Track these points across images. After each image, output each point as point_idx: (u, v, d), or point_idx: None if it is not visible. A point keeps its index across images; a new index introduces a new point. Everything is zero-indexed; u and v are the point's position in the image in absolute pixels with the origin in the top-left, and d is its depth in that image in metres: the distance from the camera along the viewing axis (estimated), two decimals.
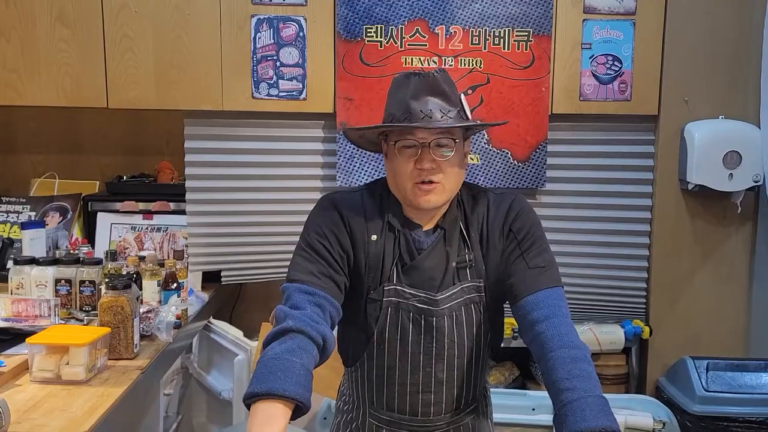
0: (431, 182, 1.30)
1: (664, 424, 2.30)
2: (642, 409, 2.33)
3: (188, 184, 2.54)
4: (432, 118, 1.29)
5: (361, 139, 1.46)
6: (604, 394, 1.21)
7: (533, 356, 1.29)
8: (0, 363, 1.56)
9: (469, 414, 1.47)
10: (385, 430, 1.45)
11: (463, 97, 1.37)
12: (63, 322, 1.91)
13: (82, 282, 2.02)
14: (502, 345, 1.50)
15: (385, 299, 1.36)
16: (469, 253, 1.38)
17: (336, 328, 1.32)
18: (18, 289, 2.01)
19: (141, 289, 2.03)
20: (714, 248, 2.62)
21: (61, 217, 2.67)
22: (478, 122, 1.38)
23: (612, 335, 2.59)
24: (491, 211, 1.39)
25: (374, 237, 1.36)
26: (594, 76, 2.52)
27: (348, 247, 1.35)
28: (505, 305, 1.45)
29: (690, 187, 2.51)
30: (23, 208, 2.69)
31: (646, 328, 2.60)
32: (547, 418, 2.29)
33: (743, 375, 2.43)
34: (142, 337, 1.87)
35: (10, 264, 2.16)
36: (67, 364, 1.55)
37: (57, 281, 2.01)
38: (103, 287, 1.97)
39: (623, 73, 2.53)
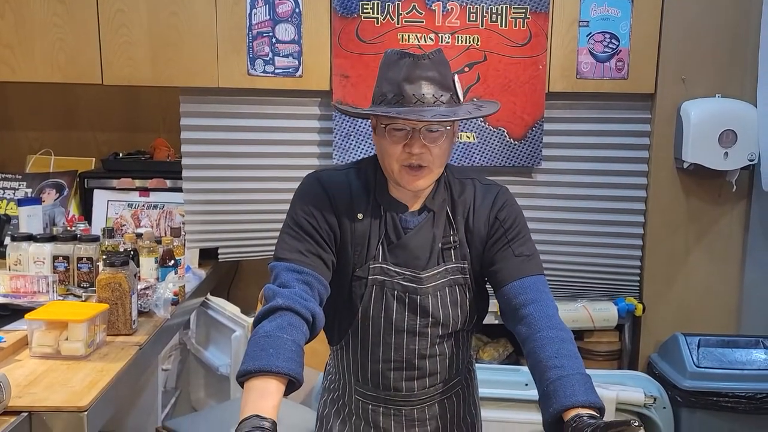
0: (420, 167, 1.31)
1: (655, 399, 2.34)
2: (634, 384, 2.37)
3: (184, 161, 2.53)
4: (425, 103, 1.28)
5: (356, 115, 1.48)
6: (591, 372, 1.25)
7: (518, 338, 1.31)
8: (0, 338, 1.58)
9: (453, 389, 1.49)
10: (371, 407, 1.46)
11: (456, 78, 1.36)
12: (61, 298, 1.93)
13: (79, 259, 2.03)
14: (496, 322, 1.54)
15: (370, 277, 1.37)
16: (455, 234, 1.39)
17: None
18: (16, 265, 2.02)
19: (138, 266, 2.05)
20: (708, 227, 2.64)
21: (58, 194, 2.67)
22: (471, 113, 1.35)
23: (605, 312, 2.62)
24: (478, 198, 1.40)
25: (360, 215, 1.37)
26: (591, 54, 2.51)
27: (334, 224, 1.35)
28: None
29: (685, 165, 2.52)
30: (19, 185, 2.69)
31: (639, 306, 2.63)
32: None
33: (734, 351, 2.47)
34: (140, 313, 1.89)
35: (7, 240, 2.17)
36: (67, 339, 1.56)
37: (55, 258, 2.03)
38: (100, 264, 1.98)
39: (620, 51, 2.52)
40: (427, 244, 1.38)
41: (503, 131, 2.52)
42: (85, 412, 1.33)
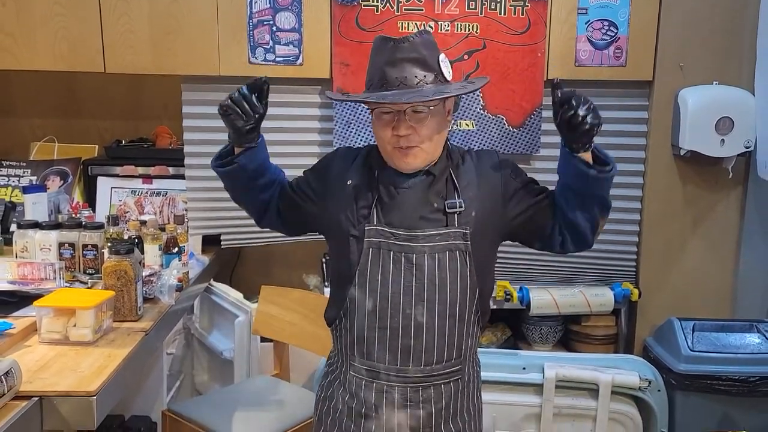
0: (409, 147, 1.36)
1: (649, 382, 2.38)
2: (629, 368, 2.41)
3: (187, 149, 2.56)
4: (407, 85, 1.33)
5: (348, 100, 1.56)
6: (587, 356, 1.31)
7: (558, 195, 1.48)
8: (9, 325, 1.62)
9: (453, 376, 1.45)
10: (364, 382, 1.44)
11: (442, 58, 1.39)
12: (68, 285, 1.96)
13: (84, 246, 2.07)
14: (494, 307, 1.58)
15: (366, 239, 1.40)
16: (459, 199, 1.41)
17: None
18: (23, 252, 2.06)
19: (143, 253, 2.08)
20: (704, 213, 2.67)
21: (62, 181, 2.70)
22: (453, 91, 1.40)
23: (602, 297, 2.66)
24: (480, 165, 1.47)
25: (350, 181, 1.45)
26: (589, 41, 2.52)
27: (321, 184, 1.51)
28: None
29: (682, 152, 2.54)
30: (24, 172, 2.72)
31: (636, 291, 2.67)
32: (537, 377, 2.37)
33: (728, 335, 2.51)
34: (145, 299, 1.93)
35: (13, 228, 2.21)
36: (74, 325, 1.60)
37: (60, 245, 2.06)
38: (105, 251, 2.01)
39: (619, 38, 2.53)
40: (422, 204, 1.41)
41: (502, 119, 2.54)
42: (94, 397, 1.37)
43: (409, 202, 1.41)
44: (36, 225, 2.10)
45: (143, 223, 2.26)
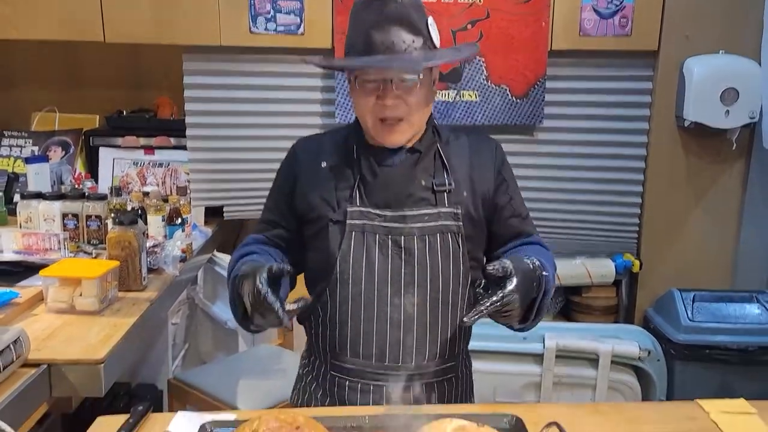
0: (395, 120, 1.24)
1: (649, 352, 2.41)
2: (629, 338, 2.44)
3: (188, 119, 2.55)
4: (394, 50, 1.19)
5: (330, 68, 1.42)
6: (588, 326, 1.30)
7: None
8: (15, 294, 1.63)
9: (446, 374, 1.33)
10: (347, 383, 1.30)
11: (430, 22, 1.27)
12: (72, 255, 1.98)
13: (88, 216, 2.07)
14: None
15: (348, 221, 1.27)
16: (449, 177, 1.30)
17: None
18: (27, 222, 2.06)
19: (146, 224, 2.09)
20: (707, 184, 2.67)
21: (64, 152, 2.70)
22: (444, 57, 1.29)
23: (603, 269, 2.67)
24: (475, 147, 1.36)
25: (324, 163, 1.32)
26: (595, 10, 2.49)
27: (291, 183, 1.35)
28: None
29: (686, 123, 2.53)
30: (26, 143, 2.71)
31: (637, 262, 2.68)
32: (537, 347, 2.39)
33: (727, 306, 2.53)
34: (150, 270, 1.94)
35: (17, 198, 2.21)
36: (80, 295, 1.61)
37: (64, 216, 2.06)
38: (109, 222, 2.02)
39: (624, 7, 2.50)
40: (410, 183, 1.29)
41: (505, 89, 2.52)
42: (102, 365, 1.39)
43: (395, 181, 1.29)
44: (39, 195, 2.10)
45: (146, 194, 2.26)
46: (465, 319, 1.10)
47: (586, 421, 1.14)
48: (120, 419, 1.11)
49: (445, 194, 1.30)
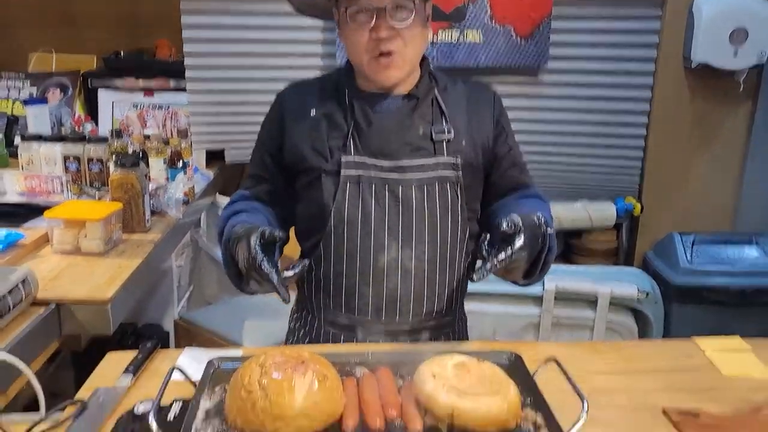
0: (390, 53, 1.18)
1: (647, 294, 2.43)
2: (628, 280, 2.46)
3: (187, 61, 2.51)
4: None
5: (311, 8, 1.32)
6: (587, 268, 1.28)
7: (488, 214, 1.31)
8: (21, 235, 1.64)
9: (443, 329, 1.32)
10: (343, 337, 1.27)
11: None
12: (75, 197, 1.98)
13: (90, 159, 2.07)
14: None
15: (343, 171, 1.21)
16: (447, 125, 1.25)
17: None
18: (28, 165, 2.06)
19: (148, 167, 2.09)
20: (712, 127, 2.65)
21: (62, 94, 2.67)
22: None
23: (604, 212, 2.68)
24: (474, 94, 1.31)
25: (313, 111, 1.26)
26: None
27: (278, 134, 1.29)
28: None
29: (693, 65, 2.48)
30: (23, 84, 2.68)
31: (638, 205, 2.69)
32: (536, 289, 2.42)
33: (726, 249, 2.55)
34: (153, 213, 1.94)
35: (17, 140, 2.20)
36: (85, 237, 1.63)
37: (65, 158, 2.06)
38: (111, 165, 2.02)
39: None
40: (406, 131, 1.24)
41: (510, 29, 2.47)
42: (109, 304, 1.41)
43: (391, 128, 1.23)
44: (40, 138, 2.09)
45: (147, 137, 2.26)
46: (473, 277, 1.07)
47: (584, 358, 1.17)
48: (129, 355, 1.14)
49: (444, 143, 1.24)
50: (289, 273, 1.07)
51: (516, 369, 1.01)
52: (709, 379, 1.11)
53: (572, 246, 2.81)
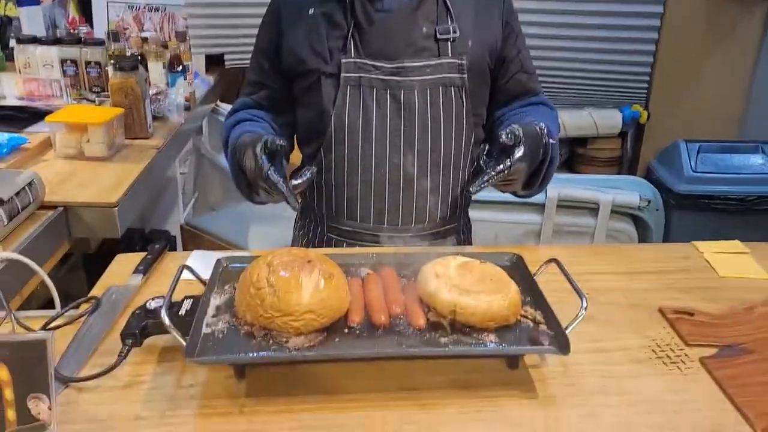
0: None
1: (649, 201, 2.45)
2: (630, 188, 2.47)
3: None
4: None
5: None
6: (590, 176, 1.28)
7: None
8: (24, 140, 1.64)
9: (445, 237, 1.30)
10: (345, 245, 1.27)
11: None
12: (75, 102, 1.96)
13: (87, 63, 2.03)
14: None
15: (343, 74, 1.18)
16: (453, 24, 1.21)
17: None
18: (25, 68, 2.02)
19: (147, 71, 2.05)
20: (726, 30, 2.57)
21: None
22: None
23: (610, 119, 2.65)
24: None
25: (312, 9, 1.21)
26: None
27: (275, 36, 1.25)
28: None
29: None
30: None
31: (644, 113, 2.65)
32: (539, 197, 2.43)
33: (732, 156, 2.54)
34: (154, 118, 1.93)
35: (12, 43, 2.15)
36: (88, 141, 1.62)
37: (63, 62, 2.02)
38: (109, 69, 1.98)
39: None
40: (409, 30, 1.19)
41: None
42: (116, 208, 1.43)
43: (394, 28, 1.18)
44: (35, 40, 2.04)
45: (145, 39, 2.19)
46: (471, 189, 1.06)
47: (584, 260, 1.19)
48: (138, 257, 1.16)
49: (449, 43, 1.20)
50: (298, 181, 1.07)
51: (517, 269, 1.03)
52: (705, 280, 1.13)
53: (576, 155, 2.80)
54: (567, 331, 0.85)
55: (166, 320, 0.82)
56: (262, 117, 1.28)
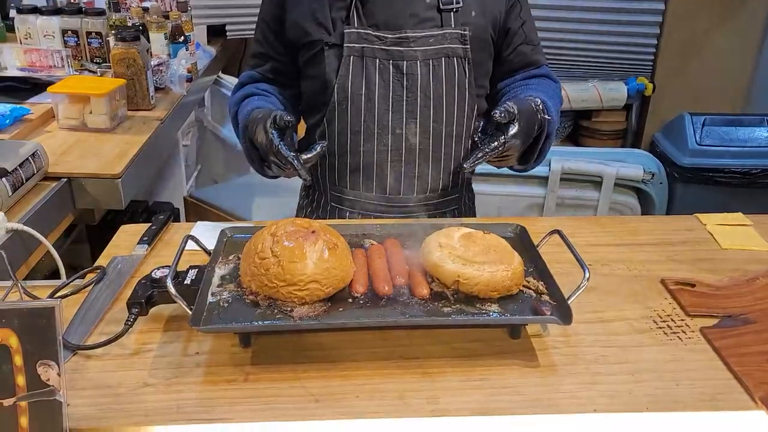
0: None
1: (653, 174, 2.45)
2: (634, 161, 2.46)
3: None
4: None
5: None
6: (595, 149, 1.27)
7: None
8: (27, 110, 1.63)
9: (448, 206, 1.32)
10: (347, 214, 1.29)
11: None
12: (77, 72, 1.95)
13: (88, 33, 2.01)
14: None
15: (346, 45, 1.18)
16: None
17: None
18: (26, 39, 2.01)
19: (149, 41, 2.03)
20: (733, 2, 2.53)
21: None
22: None
23: (615, 92, 2.63)
24: None
25: None
26: None
27: (278, 15, 1.24)
28: None
29: None
30: None
31: (650, 85, 2.63)
32: (543, 170, 2.43)
33: (737, 130, 2.52)
34: (157, 89, 1.92)
35: (12, 13, 2.13)
36: (91, 113, 1.62)
37: (64, 32, 2.01)
38: (111, 39, 1.96)
39: None
40: (412, 0, 1.19)
41: None
42: (119, 179, 1.43)
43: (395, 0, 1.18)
44: (36, 10, 2.02)
45: (146, 9, 2.17)
46: (465, 165, 1.07)
47: (587, 232, 1.20)
48: (142, 228, 1.17)
49: (452, 13, 1.19)
50: (309, 155, 1.08)
51: (520, 240, 1.04)
52: (708, 252, 1.13)
53: (580, 128, 2.78)
54: (569, 302, 0.86)
55: (172, 289, 0.83)
56: (269, 91, 1.28)
